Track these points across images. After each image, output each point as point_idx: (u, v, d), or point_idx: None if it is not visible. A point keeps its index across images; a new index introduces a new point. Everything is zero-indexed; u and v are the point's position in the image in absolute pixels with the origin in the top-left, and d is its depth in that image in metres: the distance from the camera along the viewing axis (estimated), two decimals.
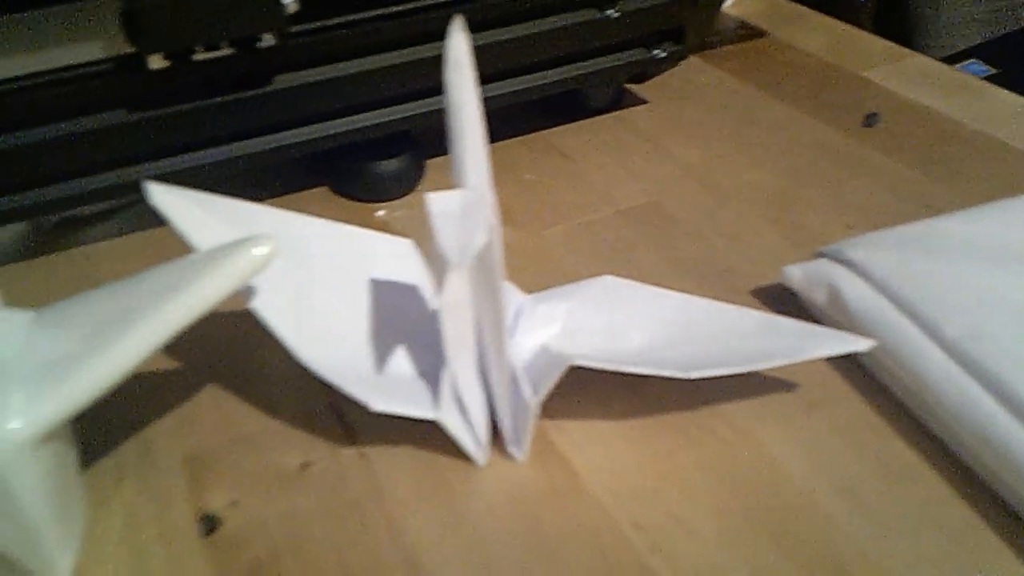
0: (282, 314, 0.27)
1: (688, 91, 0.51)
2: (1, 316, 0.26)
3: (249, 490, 0.28)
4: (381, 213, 0.42)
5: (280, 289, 0.28)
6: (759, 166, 0.44)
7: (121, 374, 0.24)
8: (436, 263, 0.26)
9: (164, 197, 0.27)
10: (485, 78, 0.43)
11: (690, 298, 0.30)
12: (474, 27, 0.41)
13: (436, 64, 0.41)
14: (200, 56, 0.37)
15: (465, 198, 0.25)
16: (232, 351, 0.34)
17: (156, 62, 0.36)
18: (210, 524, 0.27)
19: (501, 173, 0.44)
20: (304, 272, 0.29)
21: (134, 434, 0.30)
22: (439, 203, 0.25)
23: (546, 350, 0.29)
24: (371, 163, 0.42)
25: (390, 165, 0.42)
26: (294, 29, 0.38)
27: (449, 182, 0.44)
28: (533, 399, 0.27)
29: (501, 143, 0.46)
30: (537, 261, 0.38)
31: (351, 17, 0.39)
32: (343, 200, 0.43)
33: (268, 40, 0.38)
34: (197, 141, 0.39)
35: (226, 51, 0.37)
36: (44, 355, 0.24)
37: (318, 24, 0.38)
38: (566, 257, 0.38)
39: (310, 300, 0.28)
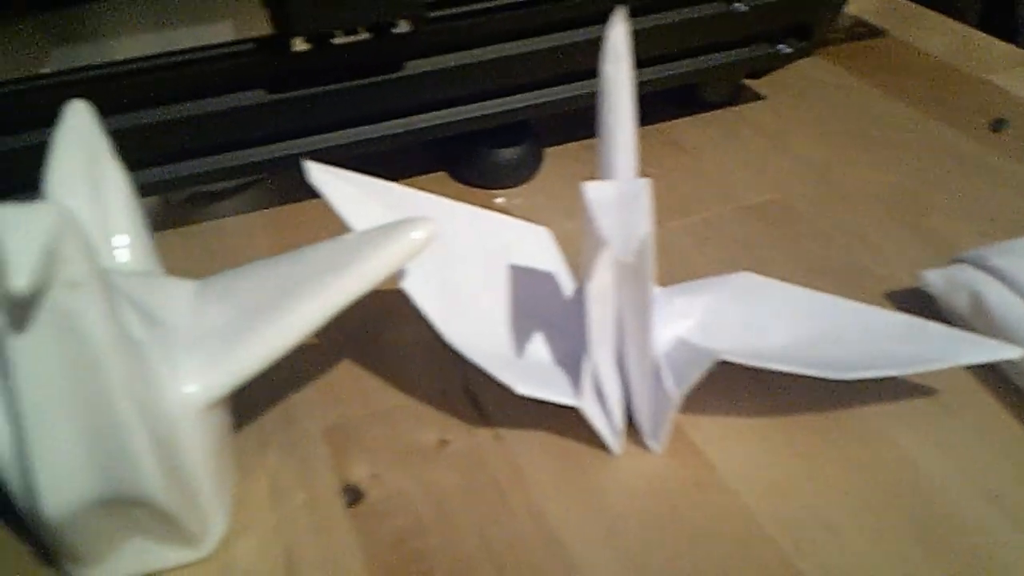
0: (431, 295, 0.28)
1: (806, 88, 0.51)
2: (169, 284, 0.27)
3: (390, 464, 0.29)
4: (500, 200, 0.42)
5: (429, 270, 0.28)
6: (884, 167, 0.43)
7: (288, 347, 0.25)
8: (586, 250, 0.27)
9: (321, 175, 0.28)
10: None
11: (832, 298, 0.30)
12: (602, 18, 0.42)
13: (560, 54, 0.41)
14: (339, 40, 0.38)
15: (621, 188, 0.25)
16: (368, 328, 0.35)
17: (298, 44, 0.37)
18: (354, 495, 0.28)
19: None
20: (450, 255, 0.29)
21: (277, 404, 0.31)
22: (596, 192, 0.25)
23: (684, 343, 0.29)
24: (492, 150, 0.43)
25: (511, 153, 0.43)
26: (429, 15, 0.38)
27: (568, 171, 0.44)
28: (676, 391, 0.27)
29: None
30: (661, 254, 0.38)
31: (481, 6, 0.40)
32: (461, 186, 0.44)
33: (403, 26, 0.38)
34: (329, 123, 0.40)
35: (363, 36, 0.38)
36: (212, 324, 0.25)
37: (450, 11, 0.39)
38: (690, 252, 0.38)
39: (456, 283, 0.29)
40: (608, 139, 0.27)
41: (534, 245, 0.32)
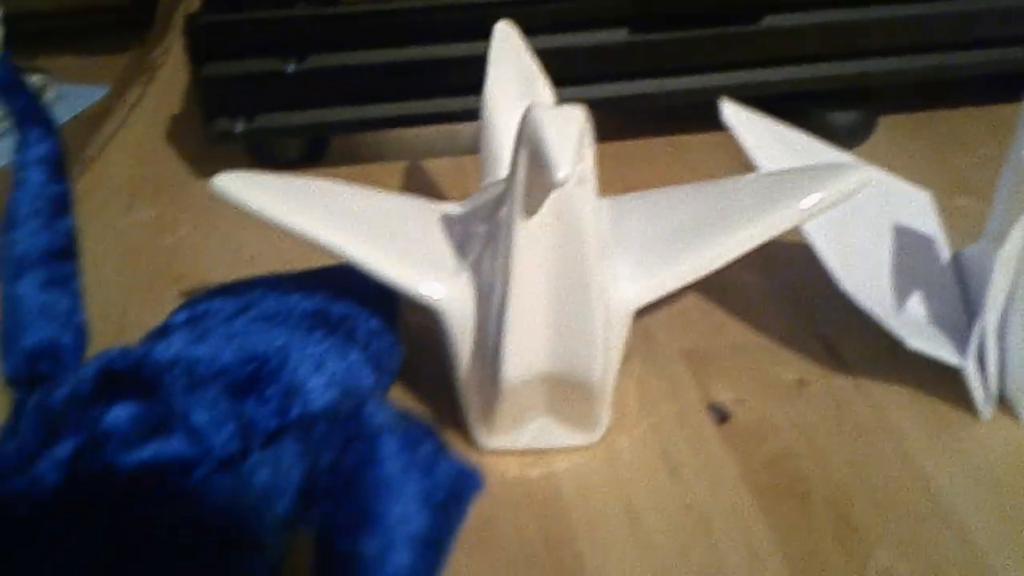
0: (829, 241, 0.29)
1: None
2: None
3: (752, 392, 0.31)
4: None
5: (829, 218, 0.30)
6: None
7: (716, 268, 0.27)
8: (995, 217, 0.27)
9: (734, 114, 0.30)
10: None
11: None
12: None
13: (918, 23, 0.41)
14: None
15: None
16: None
17: None
18: (721, 414, 0.30)
19: (950, 143, 0.44)
20: (847, 207, 0.30)
21: (636, 322, 0.34)
22: None
23: None
24: (829, 112, 0.43)
25: (847, 116, 0.43)
26: None
27: (898, 141, 0.44)
28: None
29: (949, 112, 0.46)
30: None
31: None
32: None
33: None
34: (681, 67, 0.41)
35: None
36: (640, 237, 0.27)
37: None
38: None
39: (850, 233, 0.30)
40: None
41: (916, 206, 0.32)
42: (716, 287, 0.35)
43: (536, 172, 0.22)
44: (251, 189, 0.26)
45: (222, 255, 0.38)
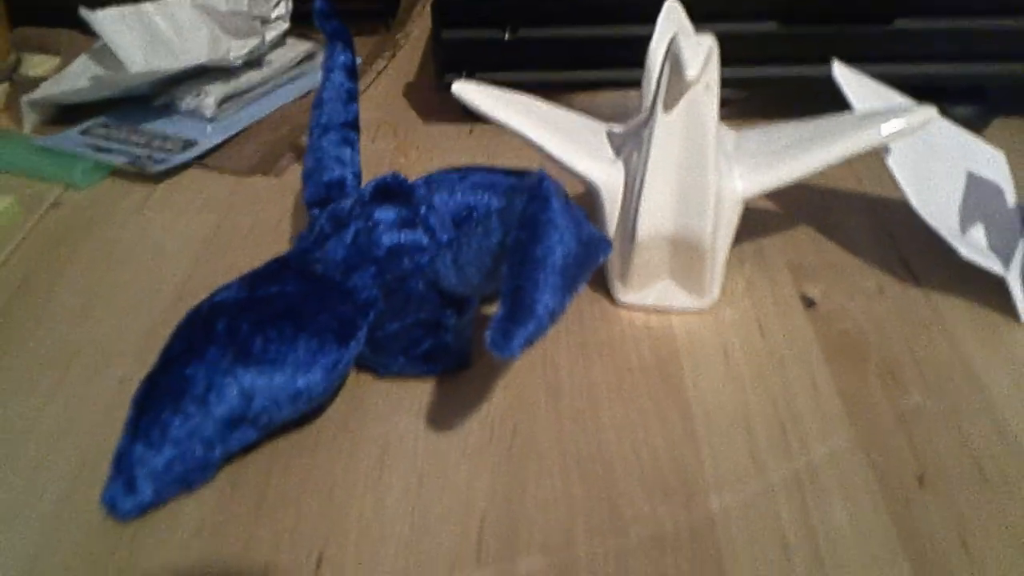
0: (907, 173, 0.37)
1: None
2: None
3: (837, 291, 0.39)
4: None
5: (908, 155, 0.38)
6: None
7: (808, 173, 0.35)
8: None
9: (844, 73, 0.39)
10: None
11: None
12: None
13: None
14: None
15: None
16: (820, 205, 0.45)
17: None
18: (809, 301, 0.39)
19: None
20: (925, 147, 0.39)
21: (750, 239, 0.43)
22: None
23: None
24: (946, 106, 0.50)
25: (964, 111, 0.50)
26: None
27: (1008, 142, 0.51)
28: None
29: None
30: None
31: None
32: None
33: None
34: (822, 56, 0.50)
35: None
36: (754, 149, 0.37)
37: None
38: None
39: (930, 172, 0.38)
40: None
41: (989, 160, 0.40)
42: (825, 223, 0.44)
43: (675, 77, 0.32)
44: (477, 93, 0.37)
45: None
